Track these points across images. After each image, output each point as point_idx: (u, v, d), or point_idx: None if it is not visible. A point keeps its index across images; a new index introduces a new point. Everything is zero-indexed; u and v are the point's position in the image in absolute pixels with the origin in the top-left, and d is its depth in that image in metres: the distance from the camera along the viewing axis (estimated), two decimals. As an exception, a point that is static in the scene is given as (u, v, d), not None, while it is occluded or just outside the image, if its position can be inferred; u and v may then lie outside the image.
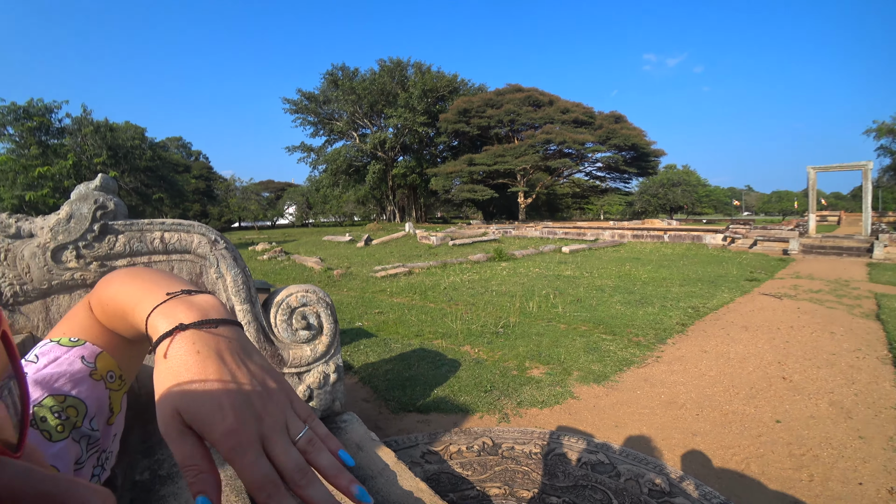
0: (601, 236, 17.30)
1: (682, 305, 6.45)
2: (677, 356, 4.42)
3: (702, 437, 2.94)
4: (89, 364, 0.45)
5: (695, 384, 3.75)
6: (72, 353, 0.45)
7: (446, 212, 49.81)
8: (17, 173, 19.14)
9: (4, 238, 2.02)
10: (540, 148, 32.14)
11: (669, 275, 9.10)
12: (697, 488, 2.37)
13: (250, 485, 0.35)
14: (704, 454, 2.76)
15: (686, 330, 5.31)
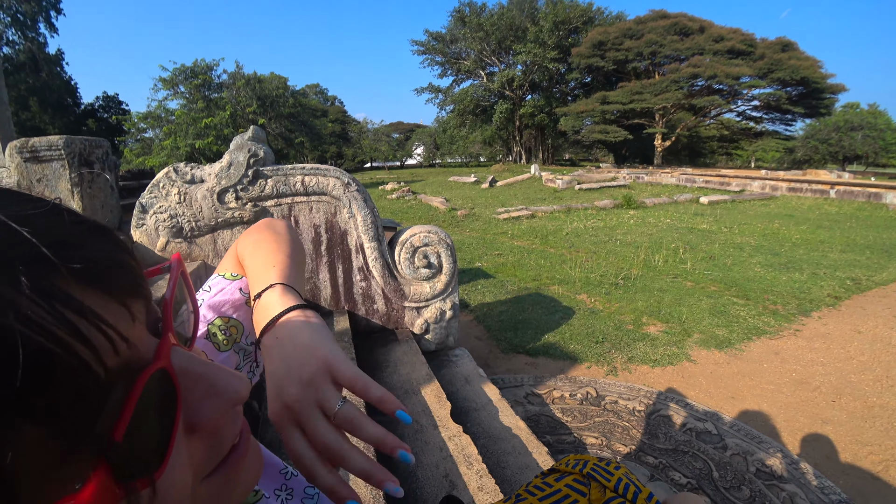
0: (748, 187, 15.31)
1: (838, 275, 5.57)
2: (821, 333, 3.93)
3: (834, 426, 2.66)
4: (245, 294, 0.57)
5: (837, 367, 3.33)
6: (233, 285, 0.58)
7: (574, 154, 47.54)
8: (188, 125, 22.17)
9: (183, 183, 2.44)
10: (684, 84, 28.44)
11: (829, 238, 7.83)
12: (815, 479, 2.19)
13: (298, 464, 0.41)
14: (832, 445, 2.51)
15: (839, 304, 4.63)
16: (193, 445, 0.28)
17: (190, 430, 0.28)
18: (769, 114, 31.60)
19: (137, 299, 0.26)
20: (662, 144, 31.39)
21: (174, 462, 0.25)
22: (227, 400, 0.29)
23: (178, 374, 0.27)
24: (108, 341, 0.22)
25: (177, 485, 0.26)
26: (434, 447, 1.77)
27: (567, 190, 15.69)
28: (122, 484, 0.22)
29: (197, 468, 0.28)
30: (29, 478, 0.19)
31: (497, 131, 36.77)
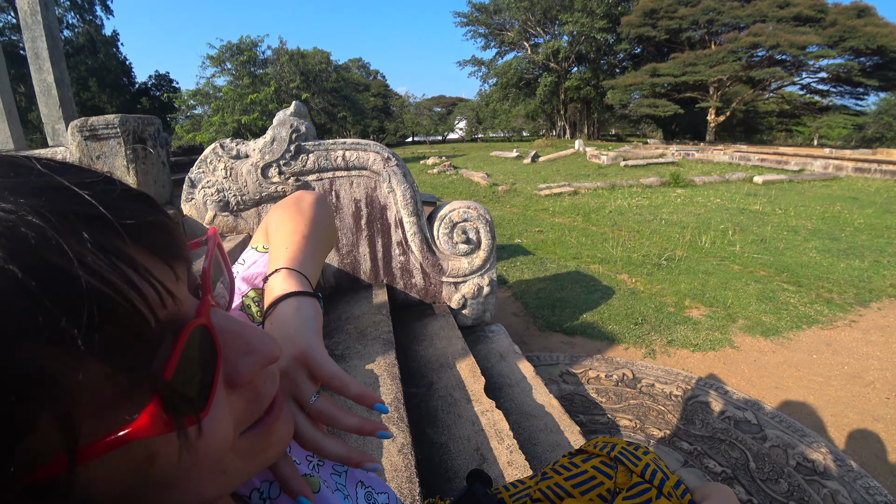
0: (809, 166, 14.37)
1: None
2: (880, 325, 3.70)
3: (886, 424, 2.53)
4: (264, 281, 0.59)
5: (895, 362, 3.15)
6: (264, 258, 0.59)
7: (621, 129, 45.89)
8: (235, 101, 22.74)
9: (229, 159, 2.52)
10: (743, 54, 26.49)
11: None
12: (859, 479, 2.09)
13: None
14: (882, 445, 2.39)
15: (904, 294, 4.35)
16: (234, 400, 0.31)
17: (229, 385, 0.30)
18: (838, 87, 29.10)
19: (180, 262, 0.29)
20: (716, 120, 29.67)
21: (216, 410, 0.28)
22: (262, 357, 0.32)
23: (217, 331, 0.29)
24: (157, 294, 0.25)
25: (219, 430, 0.28)
26: (466, 421, 1.80)
27: (612, 166, 15.24)
28: (172, 418, 0.25)
29: (237, 421, 0.31)
30: (92, 408, 0.22)
31: (541, 105, 35.88)
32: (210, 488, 0.30)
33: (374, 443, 1.46)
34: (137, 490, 0.26)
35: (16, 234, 0.21)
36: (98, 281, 0.22)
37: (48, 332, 0.20)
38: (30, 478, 0.21)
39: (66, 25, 26.84)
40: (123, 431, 0.23)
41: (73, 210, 0.23)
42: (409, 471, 1.35)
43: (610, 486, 0.64)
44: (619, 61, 35.48)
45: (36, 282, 0.21)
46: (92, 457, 0.22)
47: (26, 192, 0.23)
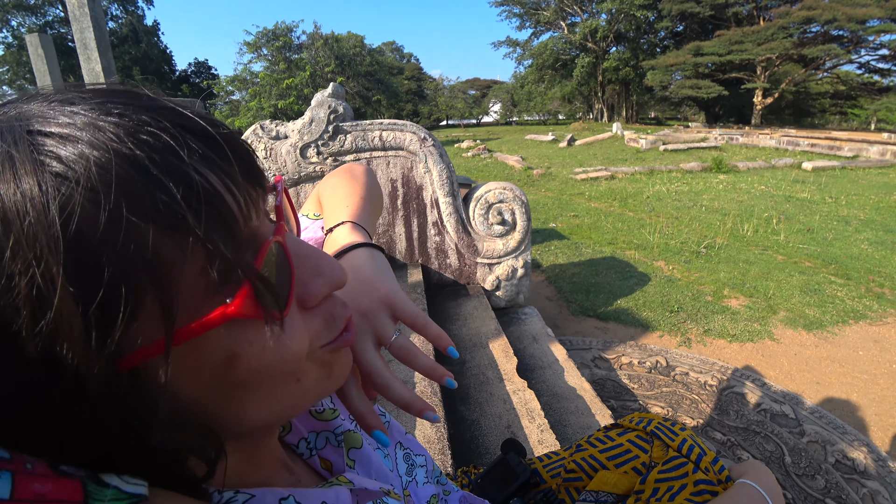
0: (864, 152, 13.52)
1: None
2: (935, 320, 3.50)
3: (936, 423, 2.41)
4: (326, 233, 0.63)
5: (950, 360, 2.98)
6: (315, 224, 0.63)
7: (661, 111, 44.39)
8: (271, 86, 23.08)
9: (269, 139, 2.57)
10: (795, 31, 24.78)
11: None
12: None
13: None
14: (932, 445, 2.28)
15: (962, 291, 4.08)
16: (309, 320, 0.34)
17: (302, 305, 0.33)
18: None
19: (260, 188, 0.32)
20: (763, 102, 28.16)
21: (292, 322, 0.31)
22: (330, 279, 0.35)
23: (291, 252, 0.33)
24: (246, 205, 0.29)
25: (295, 341, 0.31)
26: (498, 399, 1.82)
27: (651, 150, 14.80)
28: (261, 305, 0.28)
29: (315, 337, 0.34)
30: (191, 291, 0.25)
31: (577, 87, 34.98)
32: (285, 397, 0.32)
33: (407, 416, 1.50)
34: (217, 393, 0.28)
35: (139, 137, 0.25)
36: (203, 181, 0.26)
37: (166, 214, 0.24)
38: (129, 359, 0.24)
39: (111, 17, 27.81)
40: (220, 311, 0.26)
41: (182, 124, 0.27)
42: (441, 443, 1.38)
43: (645, 460, 0.65)
44: (660, 40, 34.12)
45: (158, 171, 0.24)
46: (188, 337, 0.25)
47: (144, 109, 0.27)
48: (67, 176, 0.23)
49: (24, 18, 25.23)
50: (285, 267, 0.32)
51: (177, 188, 0.24)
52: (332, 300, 0.36)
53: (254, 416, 0.31)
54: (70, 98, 0.26)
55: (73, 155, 0.23)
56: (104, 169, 0.23)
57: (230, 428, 0.30)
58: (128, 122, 0.25)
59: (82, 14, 5.21)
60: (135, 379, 0.24)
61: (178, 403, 0.27)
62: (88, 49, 5.34)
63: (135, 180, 0.23)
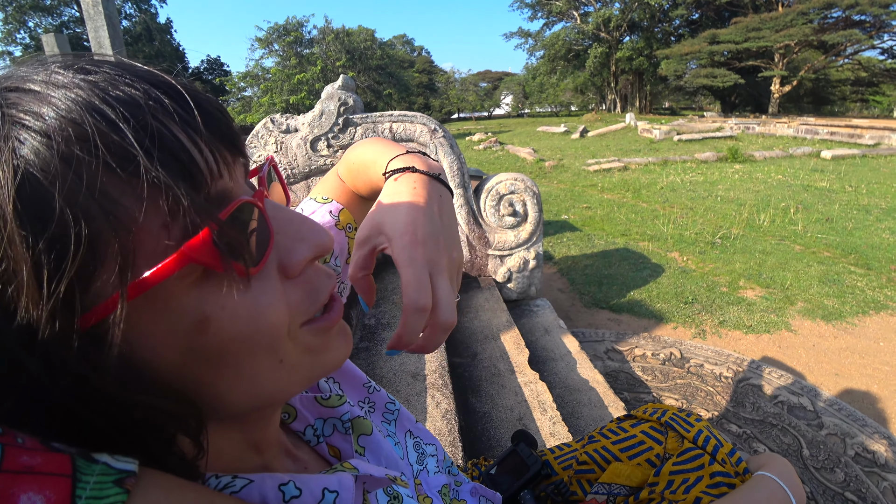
0: (886, 140, 13.15)
1: None
2: (960, 310, 3.41)
3: (959, 415, 2.35)
4: (335, 217, 0.60)
5: (975, 351, 2.89)
6: (323, 208, 0.60)
7: (675, 101, 43.71)
8: (283, 81, 23.18)
9: (280, 133, 2.57)
10: (815, 16, 24.01)
11: None
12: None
13: (409, 291, 0.41)
14: (957, 435, 2.22)
15: None
16: (290, 290, 0.32)
17: (284, 272, 0.32)
18: (924, 51, 26.34)
19: (238, 153, 0.32)
20: (780, 90, 27.53)
21: (270, 289, 0.30)
22: (313, 244, 0.33)
23: (270, 216, 0.32)
24: (215, 163, 0.29)
25: (273, 310, 0.30)
26: (510, 391, 1.81)
27: (665, 141, 14.59)
28: (220, 254, 0.27)
29: (294, 310, 0.32)
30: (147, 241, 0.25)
31: (590, 78, 34.58)
32: (268, 378, 0.31)
33: (418, 407, 1.49)
34: (192, 364, 0.28)
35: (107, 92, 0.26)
36: (162, 127, 0.26)
37: (117, 154, 0.24)
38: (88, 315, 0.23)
39: (125, 16, 28.11)
40: (174, 256, 0.25)
41: (154, 81, 0.28)
42: (452, 435, 1.38)
43: (659, 452, 0.63)
44: (675, 28, 33.55)
45: (115, 116, 0.25)
46: (145, 287, 0.24)
47: (119, 70, 0.28)
48: (25, 123, 0.23)
49: (40, 19, 25.62)
50: (263, 230, 0.31)
51: (128, 129, 0.24)
52: (315, 269, 0.35)
53: (236, 395, 0.30)
54: (41, 61, 0.27)
55: (34, 105, 0.24)
56: (61, 115, 0.24)
57: (213, 406, 0.29)
58: (99, 79, 0.26)
59: (96, 13, 5.26)
60: (96, 339, 0.24)
61: (153, 370, 0.26)
62: (103, 48, 5.39)
63: (87, 123, 0.24)
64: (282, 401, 0.35)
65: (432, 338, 0.42)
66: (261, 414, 0.36)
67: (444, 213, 0.47)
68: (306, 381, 0.34)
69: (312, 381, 0.35)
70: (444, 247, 0.44)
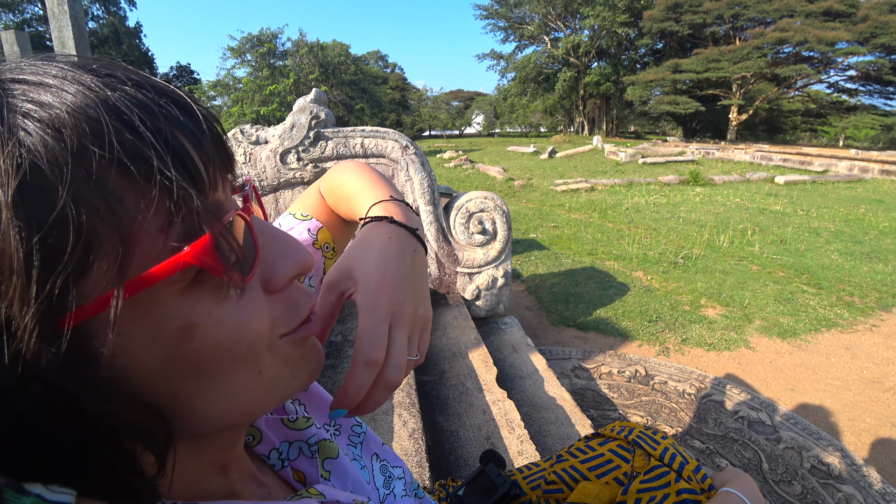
0: (833, 168, 13.99)
1: None
2: (903, 329, 3.60)
3: (906, 429, 2.47)
4: (313, 236, 0.59)
5: (917, 366, 3.06)
6: (302, 225, 0.59)
7: (640, 126, 45.27)
8: (254, 92, 22.92)
9: (249, 144, 2.53)
10: (768, 51, 25.62)
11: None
12: (879, 483, 2.05)
13: (362, 343, 0.39)
14: (902, 449, 2.33)
15: (927, 301, 4.20)
16: (272, 303, 0.32)
17: (267, 287, 0.32)
18: (867, 85, 28.15)
19: (228, 169, 0.32)
20: (738, 118, 29.01)
21: (254, 301, 0.30)
22: (296, 262, 0.34)
23: (256, 230, 0.32)
24: (214, 174, 0.29)
25: (256, 319, 0.30)
26: (478, 410, 1.80)
27: (630, 163, 15.06)
28: (222, 259, 0.27)
29: (275, 322, 0.32)
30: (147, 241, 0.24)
31: (559, 100, 35.54)
32: (245, 391, 0.30)
33: (385, 426, 1.46)
34: (171, 373, 0.27)
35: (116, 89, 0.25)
36: (173, 136, 0.26)
37: (131, 153, 0.24)
38: (74, 314, 0.22)
39: (92, 17, 27.32)
40: (174, 258, 0.25)
41: (161, 89, 0.28)
42: (419, 455, 1.35)
43: (627, 470, 0.63)
44: (641, 57, 34.98)
45: (130, 115, 0.25)
46: (140, 287, 0.24)
47: (123, 71, 0.28)
48: (34, 115, 0.23)
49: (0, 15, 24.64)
50: (250, 244, 0.31)
51: (147, 131, 0.25)
52: (296, 286, 0.35)
53: (211, 410, 0.29)
54: (53, 57, 0.27)
55: (45, 98, 0.23)
56: (75, 109, 0.23)
57: (186, 422, 0.28)
58: (105, 77, 0.26)
59: (61, 12, 5.10)
60: (78, 340, 0.22)
61: (129, 380, 0.25)
62: (66, 48, 5.22)
63: (103, 121, 0.23)
64: (257, 416, 0.33)
65: (371, 395, 0.39)
66: (232, 432, 0.35)
67: (417, 268, 0.46)
68: (281, 397, 0.34)
69: (288, 396, 0.35)
70: (410, 299, 0.43)
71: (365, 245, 0.45)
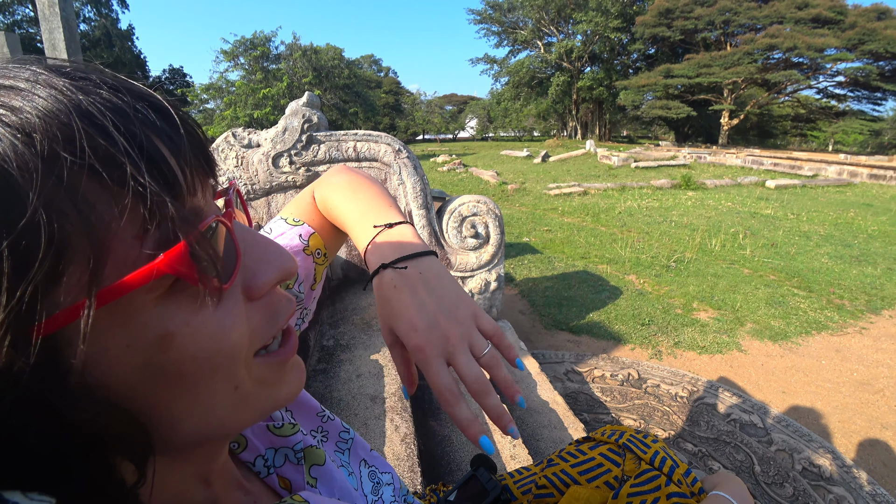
0: (823, 172, 14.15)
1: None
2: (891, 333, 3.64)
3: (894, 432, 2.49)
4: (304, 241, 0.58)
5: (906, 369, 3.09)
6: (293, 231, 0.58)
7: (633, 130, 45.57)
8: (247, 96, 22.85)
9: (241, 147, 2.52)
10: (759, 56, 26.00)
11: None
12: (868, 485, 2.07)
13: (435, 390, 0.44)
14: (891, 452, 2.35)
15: (916, 303, 4.25)
16: (251, 313, 0.31)
17: (248, 294, 0.31)
18: (855, 91, 28.58)
19: (209, 174, 0.31)
20: (729, 123, 29.33)
21: (234, 310, 0.29)
22: (278, 267, 0.33)
23: (238, 236, 0.31)
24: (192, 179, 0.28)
25: (235, 329, 0.29)
26: (471, 414, 1.80)
27: (623, 167, 15.15)
28: (197, 266, 0.26)
29: (253, 334, 0.31)
30: (121, 248, 0.24)
31: (552, 105, 35.72)
32: (222, 404, 0.30)
33: (377, 431, 1.46)
34: (147, 384, 0.26)
35: (91, 95, 0.25)
36: (149, 142, 0.25)
37: (105, 159, 0.23)
38: (46, 323, 0.21)
39: (83, 19, 27.11)
40: (148, 266, 0.24)
41: (139, 93, 0.28)
42: (410, 460, 1.34)
43: (618, 474, 0.63)
44: (633, 62, 35.27)
45: (104, 120, 0.24)
46: (113, 296, 0.23)
47: (101, 76, 0.27)
48: (3, 120, 0.22)
49: (-9, 16, 24.44)
50: (231, 250, 0.30)
51: (119, 136, 0.24)
52: (277, 293, 0.34)
53: (188, 422, 0.28)
54: (27, 60, 0.26)
55: (15, 102, 0.23)
56: (46, 114, 0.23)
57: (164, 432, 0.28)
58: (79, 81, 0.25)
59: (52, 14, 5.06)
60: (52, 348, 0.22)
61: (104, 389, 0.24)
62: (57, 50, 5.18)
63: (75, 126, 0.23)
64: (234, 431, 0.33)
65: (485, 406, 0.44)
66: (212, 445, 0.34)
67: (433, 286, 0.49)
68: (259, 415, 0.33)
69: (265, 414, 0.34)
70: (445, 324, 0.46)
71: (384, 301, 0.49)
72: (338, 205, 0.57)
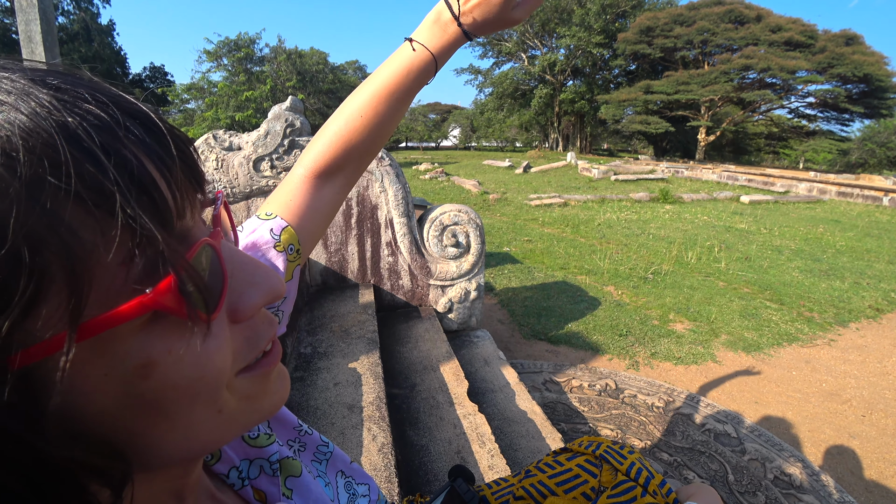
0: (794, 189, 14.64)
1: (883, 287, 5.27)
2: (858, 344, 3.76)
3: (861, 441, 2.56)
4: (275, 237, 0.56)
5: (871, 381, 3.19)
6: (264, 225, 0.56)
7: (613, 144, 46.32)
8: (229, 97, 22.54)
9: (222, 150, 2.49)
10: (735, 76, 26.96)
11: (877, 247, 7.40)
12: (837, 493, 2.12)
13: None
14: (858, 461, 2.41)
15: (880, 317, 4.40)
16: (234, 334, 0.30)
17: (232, 317, 0.30)
18: (824, 112, 29.78)
19: (202, 192, 0.31)
20: (706, 139, 30.16)
21: (219, 334, 0.28)
22: (265, 290, 0.32)
23: (225, 257, 0.30)
24: (182, 201, 0.27)
25: (218, 355, 0.28)
26: (448, 423, 1.79)
27: (602, 180, 15.38)
28: (186, 301, 0.25)
29: (235, 355, 0.30)
30: (106, 279, 0.22)
31: (535, 116, 36.16)
32: (204, 428, 0.29)
33: (354, 441, 1.44)
34: (126, 412, 0.25)
35: (75, 109, 0.23)
36: (138, 163, 0.24)
37: (91, 186, 0.22)
38: (24, 354, 0.20)
39: (62, 12, 26.52)
40: (136, 301, 0.23)
41: (125, 107, 0.26)
42: (388, 470, 1.33)
43: (594, 485, 0.63)
44: (614, 77, 35.96)
45: (91, 143, 0.23)
46: (96, 330, 0.22)
47: (84, 86, 0.25)
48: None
49: (-36, 6, 23.71)
50: (218, 272, 0.29)
51: (108, 162, 0.23)
52: (260, 315, 0.33)
53: (168, 447, 0.27)
54: (6, 66, 0.25)
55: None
56: (29, 133, 0.21)
57: (143, 457, 0.27)
58: (64, 95, 0.24)
59: (30, 6, 4.92)
60: (27, 381, 0.21)
61: (81, 419, 0.23)
62: (33, 42, 5.03)
63: (61, 148, 0.21)
64: (216, 448, 0.32)
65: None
66: (190, 463, 0.33)
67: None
68: (243, 429, 0.32)
69: (249, 427, 0.33)
70: None
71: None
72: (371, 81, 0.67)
